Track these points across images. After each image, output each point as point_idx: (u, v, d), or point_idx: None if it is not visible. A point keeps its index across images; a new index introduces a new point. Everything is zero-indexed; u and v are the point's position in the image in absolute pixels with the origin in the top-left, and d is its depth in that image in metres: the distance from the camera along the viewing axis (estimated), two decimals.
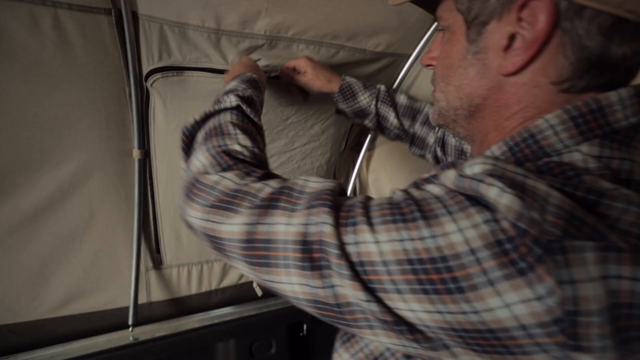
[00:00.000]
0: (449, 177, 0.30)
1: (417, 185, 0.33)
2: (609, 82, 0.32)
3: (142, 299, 0.96)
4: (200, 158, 0.44)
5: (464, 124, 0.41)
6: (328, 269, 0.31)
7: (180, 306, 1.05)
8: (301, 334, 1.21)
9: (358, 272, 0.29)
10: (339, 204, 0.33)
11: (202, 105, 0.71)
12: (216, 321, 1.04)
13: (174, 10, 0.71)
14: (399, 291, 0.28)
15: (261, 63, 0.83)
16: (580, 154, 0.30)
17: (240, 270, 0.38)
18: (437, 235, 0.27)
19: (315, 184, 0.37)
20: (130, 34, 0.69)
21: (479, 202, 0.27)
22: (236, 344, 1.06)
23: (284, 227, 0.33)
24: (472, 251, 0.25)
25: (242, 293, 1.15)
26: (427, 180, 0.32)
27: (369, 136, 1.17)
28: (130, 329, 0.93)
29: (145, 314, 0.98)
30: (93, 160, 0.80)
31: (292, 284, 0.33)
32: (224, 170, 0.41)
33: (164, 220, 0.95)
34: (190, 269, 1.03)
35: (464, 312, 0.26)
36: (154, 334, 0.95)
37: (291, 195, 0.36)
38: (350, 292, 0.30)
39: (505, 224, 0.25)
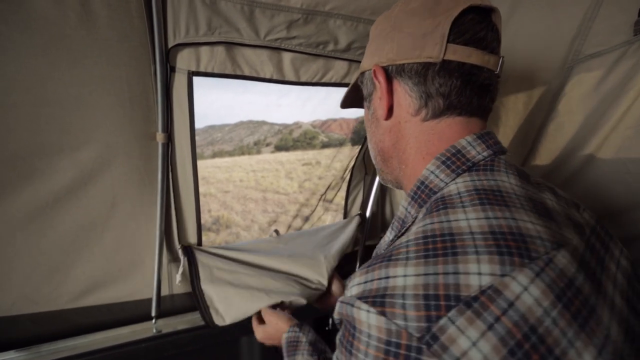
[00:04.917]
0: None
1: None
2: (453, 107, 0.44)
3: (164, 291, 0.92)
4: None
5: (385, 169, 0.54)
6: None
7: None
8: (327, 328, 1.17)
9: None
10: None
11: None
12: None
13: None
14: None
15: (296, 41, 0.76)
16: (455, 184, 0.42)
17: None
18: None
19: None
20: (157, 5, 0.63)
21: (354, 326, 0.33)
22: None
23: None
24: None
25: None
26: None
27: None
28: (154, 320, 0.90)
29: (167, 306, 0.94)
30: (116, 143, 0.75)
31: None
32: None
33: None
34: None
35: None
36: (176, 326, 0.91)
37: None
38: None
39: (381, 345, 0.29)
